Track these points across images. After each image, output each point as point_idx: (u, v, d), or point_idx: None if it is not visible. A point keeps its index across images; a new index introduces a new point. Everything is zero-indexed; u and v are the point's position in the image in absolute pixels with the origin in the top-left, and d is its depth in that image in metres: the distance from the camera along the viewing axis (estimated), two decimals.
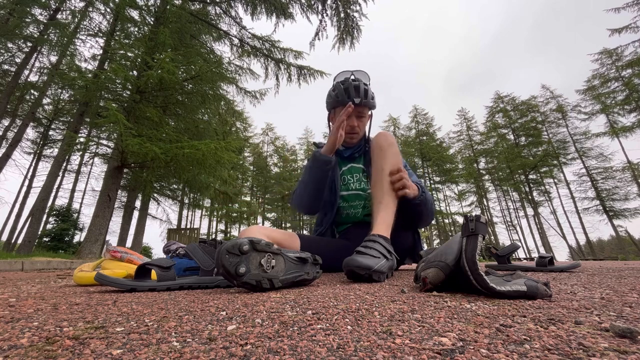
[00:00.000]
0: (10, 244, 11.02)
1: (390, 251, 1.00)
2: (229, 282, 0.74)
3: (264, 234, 1.18)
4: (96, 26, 7.43)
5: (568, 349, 0.29)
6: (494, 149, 23.13)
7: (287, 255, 0.80)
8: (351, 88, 1.35)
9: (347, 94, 1.35)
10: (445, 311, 0.47)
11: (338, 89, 1.39)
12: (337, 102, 1.39)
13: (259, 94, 8.67)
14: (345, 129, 1.40)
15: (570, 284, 0.83)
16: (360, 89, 1.35)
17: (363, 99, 1.34)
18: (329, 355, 0.28)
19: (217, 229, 23.60)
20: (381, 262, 0.91)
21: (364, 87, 1.36)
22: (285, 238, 1.26)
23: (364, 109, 1.39)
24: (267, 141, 27.99)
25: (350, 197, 1.47)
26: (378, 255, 0.93)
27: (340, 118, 1.23)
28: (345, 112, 1.22)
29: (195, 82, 5.88)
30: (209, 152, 5.03)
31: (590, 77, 17.61)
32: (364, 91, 1.35)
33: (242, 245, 0.70)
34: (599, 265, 2.06)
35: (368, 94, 1.37)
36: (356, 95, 1.34)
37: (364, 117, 1.42)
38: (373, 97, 1.41)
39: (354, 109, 1.35)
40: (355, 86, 1.35)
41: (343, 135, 1.27)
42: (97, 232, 5.10)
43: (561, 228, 19.89)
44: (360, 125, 1.42)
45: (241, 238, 0.73)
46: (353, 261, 0.89)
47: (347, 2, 7.03)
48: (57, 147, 11.17)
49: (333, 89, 1.44)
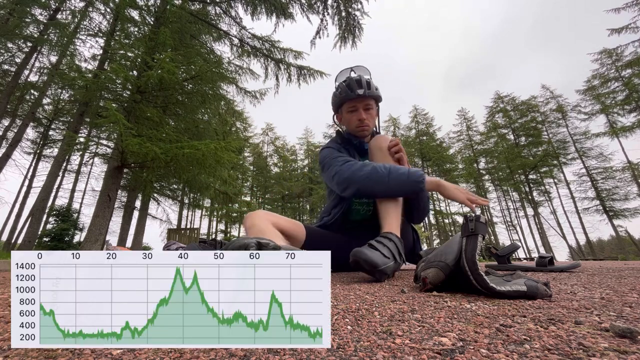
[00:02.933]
0: (10, 244, 11.02)
1: (402, 254, 1.00)
2: None
3: (270, 220, 1.15)
4: (96, 26, 7.43)
5: (568, 349, 0.29)
6: (494, 149, 23.12)
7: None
8: (353, 82, 1.35)
9: (349, 89, 1.35)
10: (445, 311, 0.47)
11: (341, 87, 1.40)
12: (342, 98, 1.38)
13: (259, 94, 8.66)
14: (356, 122, 1.40)
15: (570, 284, 0.83)
16: (362, 82, 1.34)
17: (367, 89, 1.33)
18: (329, 355, 0.28)
19: (217, 229, 23.59)
20: (389, 263, 0.90)
21: (365, 79, 1.36)
22: (291, 227, 1.23)
23: (370, 101, 1.38)
24: (267, 141, 27.98)
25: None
26: (389, 255, 0.92)
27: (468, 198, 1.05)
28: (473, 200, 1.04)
29: (195, 82, 5.88)
30: (209, 152, 5.02)
31: (590, 77, 17.61)
32: (366, 83, 1.35)
33: (249, 247, 0.65)
34: (599, 265, 2.06)
35: (371, 86, 1.36)
36: (359, 87, 1.34)
37: (372, 109, 1.40)
38: (377, 89, 1.40)
39: (360, 101, 1.36)
40: (357, 80, 1.35)
41: (472, 200, 1.06)
42: (97, 232, 5.10)
43: (561, 228, 19.89)
44: (369, 118, 1.40)
45: (249, 238, 0.68)
46: (361, 253, 0.88)
47: (348, 1, 7.02)
48: (57, 147, 11.16)
49: (336, 89, 1.44)
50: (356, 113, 1.39)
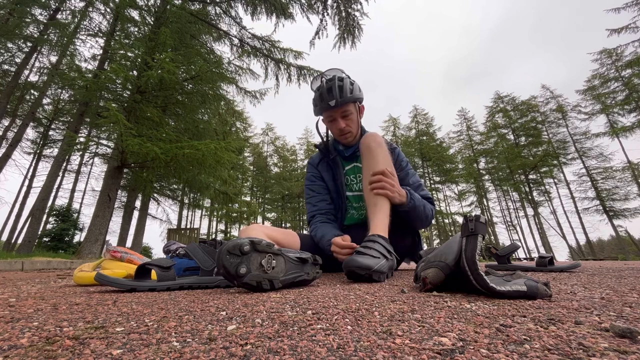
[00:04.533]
0: (10, 244, 11.02)
1: (390, 251, 1.00)
2: (230, 282, 0.74)
3: (265, 234, 1.17)
4: (96, 26, 7.44)
5: (568, 349, 0.29)
6: (494, 149, 23.13)
7: (287, 255, 0.80)
8: (324, 93, 1.31)
9: (322, 100, 1.32)
10: (445, 311, 0.47)
11: (315, 97, 1.37)
12: (318, 110, 1.38)
13: (259, 94, 8.67)
14: (336, 132, 1.38)
15: (570, 284, 0.83)
16: (333, 90, 1.29)
17: (338, 99, 1.29)
18: (329, 355, 0.28)
19: (217, 229, 23.60)
20: (381, 262, 0.91)
21: (338, 85, 1.30)
22: (286, 237, 1.26)
23: (347, 107, 1.34)
24: (267, 141, 27.99)
25: (354, 199, 1.45)
26: (378, 255, 0.93)
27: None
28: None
29: (195, 82, 5.88)
30: (208, 152, 5.03)
31: (590, 77, 17.63)
32: (338, 90, 1.29)
33: (242, 246, 0.69)
34: (599, 265, 2.06)
35: (344, 90, 1.30)
36: (330, 99, 1.30)
37: (350, 114, 1.36)
38: (352, 91, 1.32)
39: (335, 111, 1.34)
40: (328, 88, 1.31)
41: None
42: (97, 232, 5.10)
43: (561, 228, 19.90)
44: (350, 123, 1.37)
45: (242, 238, 0.72)
46: (353, 261, 0.89)
47: (348, 1, 7.02)
48: (57, 147, 11.16)
49: (313, 99, 1.42)
50: (335, 122, 1.36)
